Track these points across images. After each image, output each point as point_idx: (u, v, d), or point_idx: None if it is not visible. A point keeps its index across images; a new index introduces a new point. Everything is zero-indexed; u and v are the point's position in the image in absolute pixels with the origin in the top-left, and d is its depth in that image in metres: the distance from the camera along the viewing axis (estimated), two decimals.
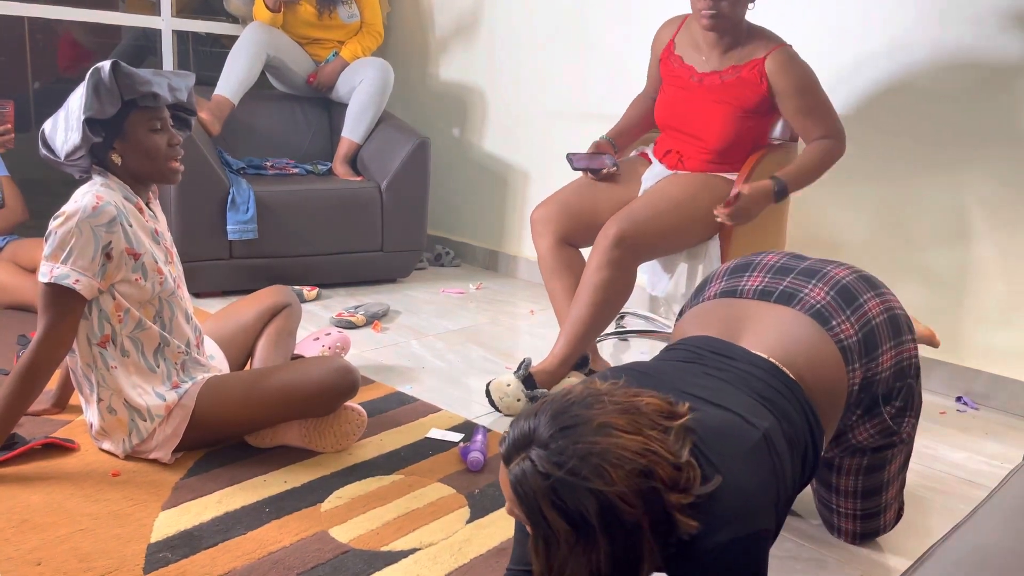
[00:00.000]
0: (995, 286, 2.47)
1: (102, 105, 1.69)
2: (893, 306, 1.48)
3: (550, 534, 1.03)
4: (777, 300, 1.46)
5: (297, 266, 3.24)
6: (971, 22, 2.41)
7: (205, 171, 3.02)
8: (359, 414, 1.95)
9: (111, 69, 1.68)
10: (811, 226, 2.80)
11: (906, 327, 1.48)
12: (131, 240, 1.76)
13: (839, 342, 1.39)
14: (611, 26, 3.28)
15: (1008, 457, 2.16)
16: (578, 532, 1.02)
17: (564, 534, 1.03)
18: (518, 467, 1.05)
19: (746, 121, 2.30)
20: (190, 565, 1.48)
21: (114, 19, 3.79)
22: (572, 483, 1.01)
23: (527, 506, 1.04)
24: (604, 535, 1.02)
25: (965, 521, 1.04)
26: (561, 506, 1.02)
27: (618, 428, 1.05)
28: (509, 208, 3.80)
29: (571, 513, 1.02)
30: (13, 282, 2.77)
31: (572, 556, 1.03)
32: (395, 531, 1.63)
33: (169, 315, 1.85)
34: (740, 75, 2.27)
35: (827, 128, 2.27)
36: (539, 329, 3.02)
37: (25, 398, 1.73)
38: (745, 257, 1.61)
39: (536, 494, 1.03)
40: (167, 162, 1.80)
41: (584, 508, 1.01)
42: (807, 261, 1.55)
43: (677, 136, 2.41)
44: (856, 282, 1.47)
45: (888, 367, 1.44)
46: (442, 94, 4.00)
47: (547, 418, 1.07)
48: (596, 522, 1.01)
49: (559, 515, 1.02)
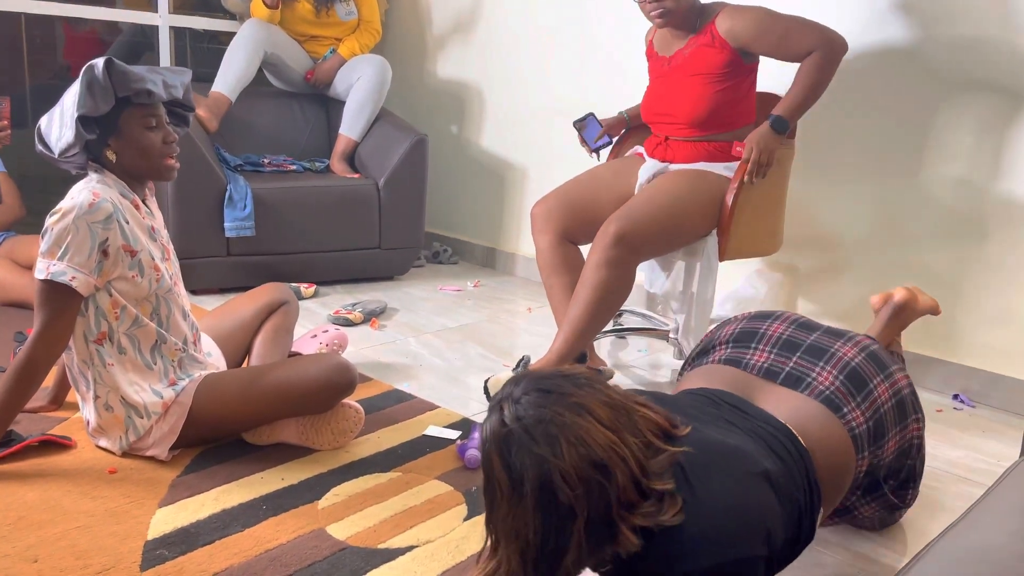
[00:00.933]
0: (992, 284, 2.47)
1: (96, 102, 1.68)
2: (900, 388, 1.44)
3: (493, 487, 1.06)
4: (784, 382, 1.42)
5: (295, 263, 3.24)
6: (967, 17, 2.41)
7: (202, 168, 3.01)
8: (356, 411, 1.95)
9: (105, 66, 1.68)
10: (808, 225, 2.80)
11: (911, 408, 1.45)
12: (128, 237, 1.76)
13: (851, 430, 1.36)
14: (609, 23, 3.28)
15: (1005, 455, 2.16)
16: (514, 493, 1.03)
17: (504, 490, 1.04)
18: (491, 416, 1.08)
19: (717, 86, 2.31)
20: (187, 562, 1.48)
21: (111, 15, 3.78)
22: (522, 440, 1.03)
23: (483, 450, 1.08)
24: (535, 506, 1.02)
25: (962, 519, 1.04)
26: (507, 460, 1.03)
27: (595, 416, 1.04)
28: (507, 205, 3.80)
29: (512, 470, 1.03)
30: (10, 279, 2.77)
31: (506, 518, 1.05)
32: (392, 528, 1.63)
33: (166, 312, 1.85)
34: (699, 44, 2.33)
35: (809, 42, 2.23)
36: (537, 327, 3.02)
37: (22, 395, 1.73)
38: (750, 322, 1.57)
39: (490, 439, 1.06)
40: (162, 159, 1.80)
41: (525, 470, 1.02)
42: (814, 334, 1.51)
43: (660, 124, 2.44)
44: (865, 364, 1.43)
45: (892, 452, 1.42)
46: (440, 91, 4.00)
47: (533, 380, 1.08)
48: (530, 488, 1.02)
49: (503, 468, 1.04)
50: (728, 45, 2.28)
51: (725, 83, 2.31)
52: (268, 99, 3.64)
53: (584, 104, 3.38)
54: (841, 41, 2.24)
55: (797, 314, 1.61)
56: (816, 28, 2.24)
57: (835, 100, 2.66)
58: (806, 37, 2.23)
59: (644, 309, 3.09)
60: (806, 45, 2.23)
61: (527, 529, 1.03)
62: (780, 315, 1.59)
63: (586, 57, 3.38)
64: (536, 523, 1.03)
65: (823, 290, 2.82)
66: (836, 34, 2.24)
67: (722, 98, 2.32)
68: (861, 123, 2.66)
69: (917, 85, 2.54)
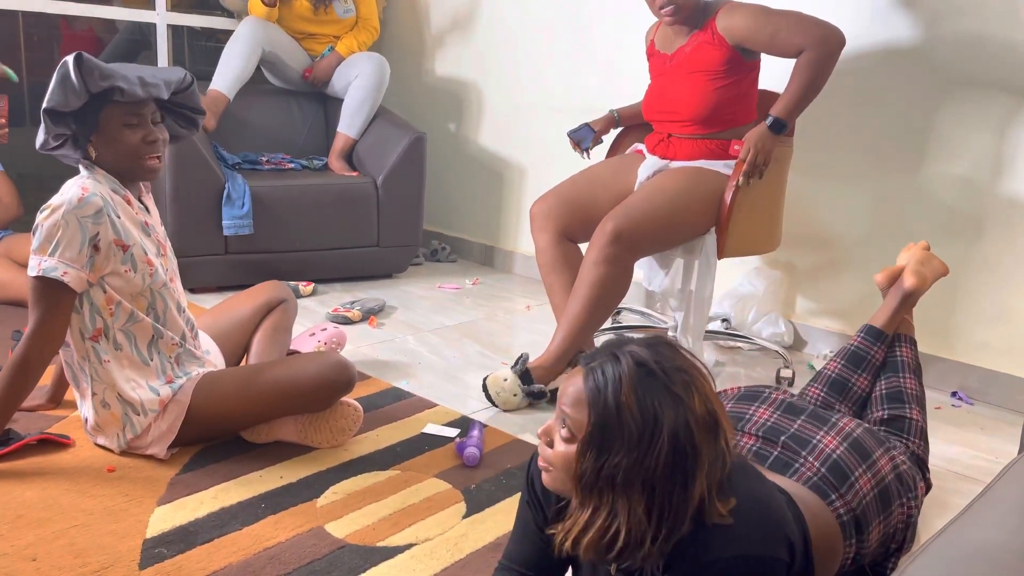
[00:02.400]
0: (990, 282, 2.47)
1: (66, 97, 1.67)
2: (884, 476, 1.43)
3: (617, 426, 1.01)
4: (772, 467, 1.42)
5: (293, 261, 3.24)
6: (968, 14, 2.41)
7: (200, 166, 3.01)
8: (355, 410, 1.94)
9: (74, 62, 1.66)
10: (807, 223, 2.80)
11: (895, 493, 1.44)
12: (119, 231, 1.75)
13: (838, 517, 1.35)
14: (607, 21, 3.28)
15: (1003, 452, 2.16)
16: (645, 431, 1.00)
17: (632, 428, 1.00)
18: (608, 362, 1.04)
19: (717, 83, 2.31)
20: (186, 561, 1.48)
21: (109, 13, 3.77)
22: (662, 382, 1.01)
23: (606, 391, 1.01)
24: (670, 444, 1.00)
25: (961, 516, 1.04)
26: (642, 399, 1.00)
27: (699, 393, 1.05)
28: (505, 204, 3.80)
29: (647, 408, 1.00)
30: (7, 277, 2.77)
31: (629, 455, 1.00)
32: (391, 526, 1.63)
33: (162, 307, 1.84)
34: (700, 41, 2.33)
35: (801, 39, 2.21)
36: (535, 324, 3.02)
37: (18, 394, 1.73)
38: (737, 404, 1.57)
39: (623, 379, 1.01)
40: (140, 159, 1.77)
41: (661, 410, 1.00)
42: (799, 420, 1.50)
43: (662, 122, 2.44)
44: (847, 455, 1.41)
45: (876, 541, 1.40)
46: (438, 89, 3.99)
47: (647, 338, 1.08)
48: (667, 431, 1.00)
49: (636, 405, 1.00)
50: (726, 42, 2.28)
51: (726, 80, 2.31)
52: (266, 97, 3.64)
53: (582, 102, 3.38)
54: (837, 37, 2.20)
55: (784, 395, 1.59)
56: (810, 25, 2.20)
57: (834, 97, 2.66)
58: (798, 35, 2.20)
59: (643, 307, 3.09)
60: (798, 43, 2.20)
61: (655, 466, 1.00)
62: (767, 397, 1.57)
63: (584, 55, 3.37)
64: (665, 460, 1.00)
65: (821, 288, 2.83)
66: (832, 29, 2.20)
67: (723, 95, 2.32)
68: (860, 121, 2.66)
69: (916, 83, 2.54)
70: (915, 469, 1.59)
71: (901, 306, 1.87)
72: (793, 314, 2.90)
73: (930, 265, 1.93)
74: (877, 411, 1.75)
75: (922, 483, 1.62)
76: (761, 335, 2.80)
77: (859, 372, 1.79)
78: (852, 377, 1.78)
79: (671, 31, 2.41)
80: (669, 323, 2.75)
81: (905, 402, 1.73)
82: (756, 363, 2.75)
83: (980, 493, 1.11)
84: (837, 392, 1.77)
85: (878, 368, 1.82)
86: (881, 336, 1.83)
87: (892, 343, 1.84)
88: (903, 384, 1.76)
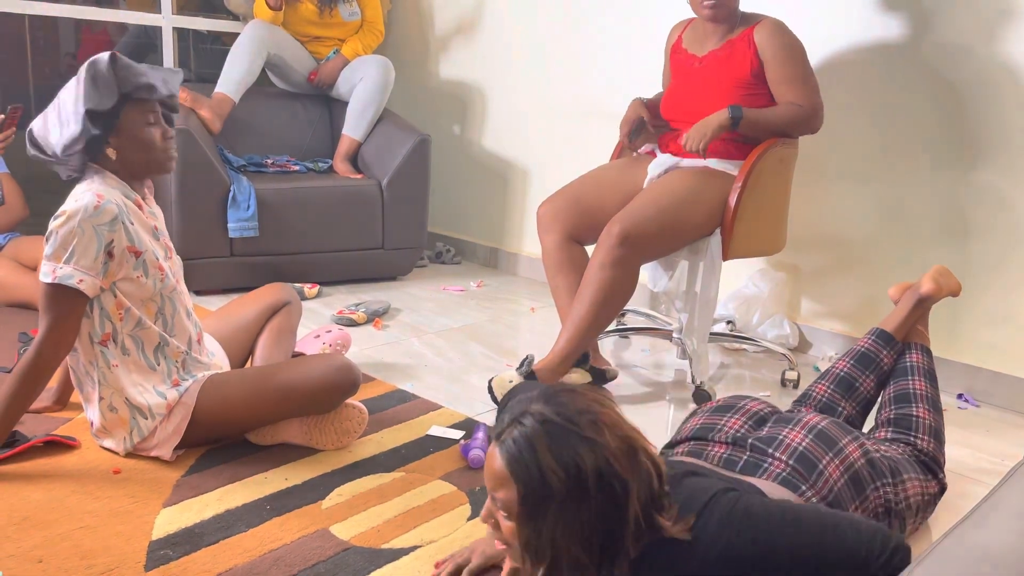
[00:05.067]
0: (995, 283, 2.46)
1: (100, 96, 1.69)
2: (853, 462, 1.44)
3: (543, 489, 1.03)
4: (742, 471, 1.44)
5: (298, 264, 3.24)
6: (973, 15, 2.41)
7: (206, 169, 3.02)
8: (360, 411, 1.95)
9: (109, 61, 1.69)
10: (812, 225, 2.79)
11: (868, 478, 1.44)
12: (132, 238, 1.76)
13: None
14: (612, 23, 3.28)
15: (1009, 454, 2.16)
16: (571, 484, 1.03)
17: (558, 486, 1.03)
18: (515, 429, 1.07)
19: (741, 92, 2.32)
20: (191, 563, 1.48)
21: (115, 16, 3.79)
22: (570, 430, 1.05)
23: (524, 459, 1.04)
24: (597, 489, 1.03)
25: (967, 518, 1.03)
26: (558, 454, 1.03)
27: (614, 411, 1.11)
28: (510, 205, 3.80)
29: (567, 462, 1.03)
30: (14, 279, 2.77)
31: (562, 515, 1.04)
32: (396, 528, 1.63)
33: (171, 311, 1.85)
34: (733, 47, 2.34)
35: (804, 99, 2.31)
36: (540, 326, 3.02)
37: (27, 397, 1.74)
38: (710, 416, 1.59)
39: (534, 441, 1.04)
40: (163, 153, 1.81)
41: (580, 458, 1.03)
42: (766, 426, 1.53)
43: (683, 123, 2.42)
44: (813, 445, 1.43)
45: None
46: (443, 92, 4.00)
47: (541, 392, 1.10)
48: (591, 473, 1.03)
49: (556, 463, 1.03)
50: (757, 55, 2.31)
51: (755, 90, 2.33)
52: (271, 100, 3.65)
53: (585, 104, 3.39)
54: (819, 121, 2.34)
55: (759, 406, 1.60)
56: (813, 94, 2.33)
57: (838, 100, 2.65)
58: (801, 94, 2.31)
59: (648, 309, 3.09)
60: (795, 97, 2.31)
61: (589, 517, 1.05)
62: (740, 408, 1.59)
63: (588, 57, 3.37)
64: (597, 507, 1.04)
65: (826, 290, 2.82)
66: (821, 111, 2.34)
67: (750, 104, 2.32)
68: (864, 123, 2.65)
69: (920, 84, 2.53)
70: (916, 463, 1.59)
71: (913, 311, 1.88)
72: (798, 316, 2.90)
73: (947, 278, 1.96)
74: (884, 412, 1.76)
75: (934, 482, 1.62)
76: (766, 337, 2.80)
77: (867, 373, 1.80)
78: (860, 377, 1.80)
79: (703, 32, 2.41)
80: (673, 325, 2.75)
81: (912, 402, 1.73)
82: (761, 365, 2.74)
83: (987, 496, 1.11)
84: (843, 390, 1.79)
85: (886, 373, 1.83)
86: (891, 340, 1.84)
87: (903, 350, 1.85)
88: (911, 386, 1.77)
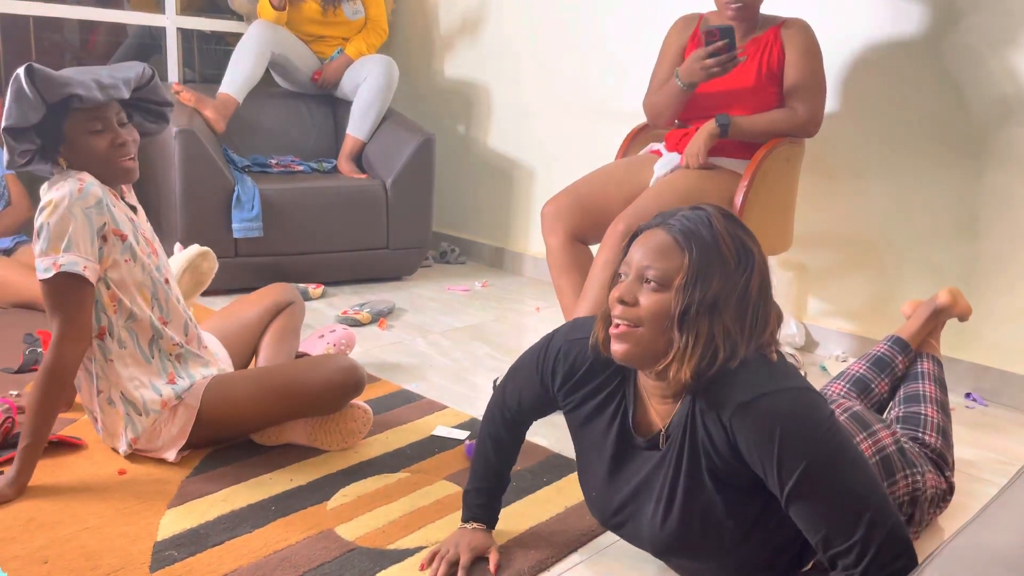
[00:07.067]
0: (1003, 282, 2.45)
1: (24, 112, 1.60)
2: (885, 446, 1.48)
3: (715, 255, 1.19)
4: None
5: (302, 264, 3.24)
6: (983, 13, 2.40)
7: (210, 169, 3.02)
8: (365, 412, 1.94)
9: (26, 74, 1.58)
10: (819, 222, 2.78)
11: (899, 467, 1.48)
12: (117, 221, 1.72)
13: None
14: (617, 22, 3.27)
15: (1017, 454, 2.15)
16: (740, 254, 1.20)
17: (728, 254, 1.19)
18: (686, 213, 1.23)
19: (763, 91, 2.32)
20: (196, 563, 1.48)
21: (118, 17, 3.79)
22: (741, 226, 1.24)
23: (698, 230, 1.20)
24: (758, 270, 1.21)
25: (976, 518, 1.03)
26: (733, 232, 1.21)
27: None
28: (514, 205, 3.79)
29: (739, 240, 1.21)
30: (19, 280, 2.78)
31: (728, 280, 1.19)
32: (401, 529, 1.63)
33: (164, 296, 1.83)
34: (759, 48, 2.34)
35: (806, 108, 2.31)
36: (545, 326, 2.99)
37: (56, 398, 1.68)
38: None
39: (710, 219, 1.21)
40: (113, 162, 1.72)
41: (749, 241, 1.23)
42: None
43: (697, 119, 2.39)
44: (848, 423, 1.48)
45: None
46: (447, 91, 4.00)
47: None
48: (756, 256, 1.22)
49: (730, 238, 1.20)
50: (782, 52, 2.31)
51: (769, 89, 2.32)
52: (275, 100, 3.65)
53: (591, 103, 3.38)
54: (814, 128, 2.35)
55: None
56: (816, 106, 2.33)
57: (845, 98, 2.64)
58: (805, 101, 2.31)
59: None
60: (798, 103, 2.31)
61: (748, 287, 1.19)
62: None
63: (593, 56, 3.37)
64: (757, 284, 1.20)
65: (833, 289, 2.81)
66: (817, 121, 2.34)
67: (764, 105, 2.33)
68: (871, 121, 2.64)
69: (929, 82, 2.52)
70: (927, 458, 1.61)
71: (928, 321, 1.92)
72: (805, 315, 2.89)
73: (961, 297, 2.00)
74: (894, 412, 1.81)
75: (942, 480, 1.62)
76: None
77: (881, 376, 1.85)
78: (875, 380, 1.84)
79: None
80: None
81: (921, 402, 1.77)
82: None
83: (996, 495, 1.10)
84: (858, 390, 1.83)
85: (899, 379, 1.87)
86: (906, 347, 1.89)
87: (915, 359, 1.89)
88: (921, 388, 1.81)
